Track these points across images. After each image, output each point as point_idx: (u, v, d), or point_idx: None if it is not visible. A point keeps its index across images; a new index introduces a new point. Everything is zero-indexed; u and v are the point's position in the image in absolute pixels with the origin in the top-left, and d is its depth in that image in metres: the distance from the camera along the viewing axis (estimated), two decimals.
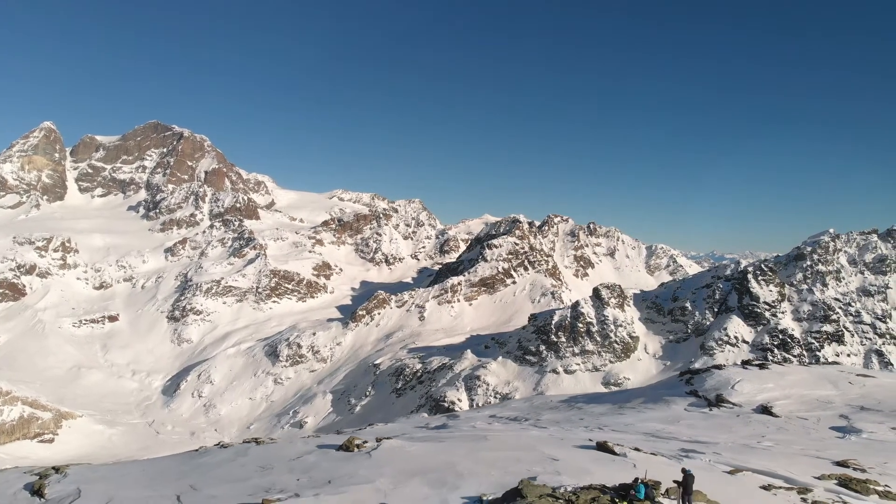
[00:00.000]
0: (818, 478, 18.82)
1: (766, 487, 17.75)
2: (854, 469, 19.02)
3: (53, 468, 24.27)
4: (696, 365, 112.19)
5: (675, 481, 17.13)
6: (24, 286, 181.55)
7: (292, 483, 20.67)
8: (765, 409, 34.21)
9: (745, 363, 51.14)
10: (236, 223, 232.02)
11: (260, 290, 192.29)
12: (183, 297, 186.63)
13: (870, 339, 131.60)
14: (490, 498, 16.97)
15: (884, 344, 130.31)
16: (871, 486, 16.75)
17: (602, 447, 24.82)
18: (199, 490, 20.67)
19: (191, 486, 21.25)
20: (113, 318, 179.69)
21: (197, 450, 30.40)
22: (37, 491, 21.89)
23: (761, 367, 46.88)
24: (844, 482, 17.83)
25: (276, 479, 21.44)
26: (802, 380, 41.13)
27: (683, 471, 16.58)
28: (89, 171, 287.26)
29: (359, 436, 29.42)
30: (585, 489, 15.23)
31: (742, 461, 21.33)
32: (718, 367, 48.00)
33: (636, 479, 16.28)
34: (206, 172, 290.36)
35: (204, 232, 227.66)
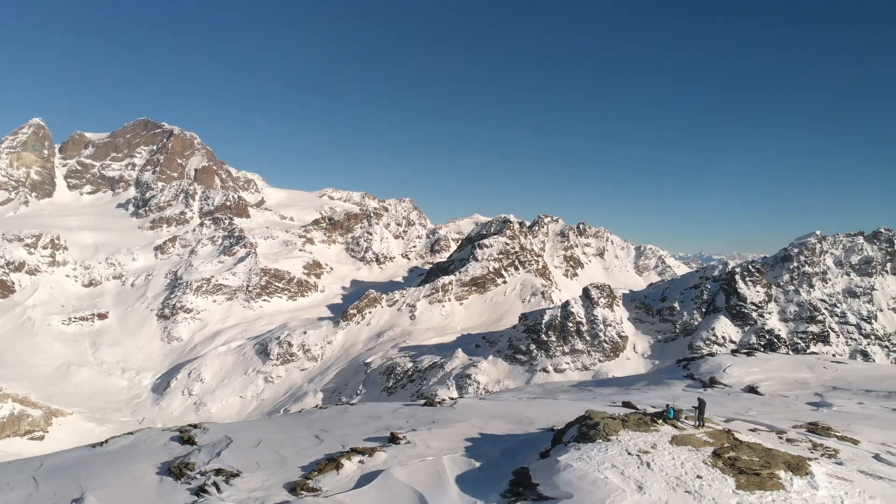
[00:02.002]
0: (793, 427, 23.42)
1: (753, 430, 22.11)
2: (821, 427, 23.47)
3: (191, 425, 27.24)
4: None
5: (693, 406, 22.32)
6: (13, 283, 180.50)
7: (404, 424, 25.48)
8: (751, 389, 38.73)
9: (735, 351, 57.12)
10: (226, 221, 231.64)
11: (250, 288, 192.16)
12: (173, 295, 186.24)
13: (855, 339, 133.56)
14: (559, 427, 21.30)
15: (868, 344, 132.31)
16: (832, 433, 22.24)
17: (627, 405, 31.22)
18: (331, 431, 24.91)
19: (321, 429, 25.53)
20: (102, 316, 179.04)
21: (300, 411, 36.65)
22: (186, 440, 24.18)
23: (749, 354, 52.59)
24: (812, 429, 22.90)
25: (389, 422, 26.42)
26: (784, 365, 46.63)
27: (699, 399, 21.84)
28: (78, 168, 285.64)
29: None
30: (632, 414, 20.66)
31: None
32: (712, 354, 55.04)
33: (667, 405, 21.50)
34: (195, 170, 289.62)
35: (194, 230, 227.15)
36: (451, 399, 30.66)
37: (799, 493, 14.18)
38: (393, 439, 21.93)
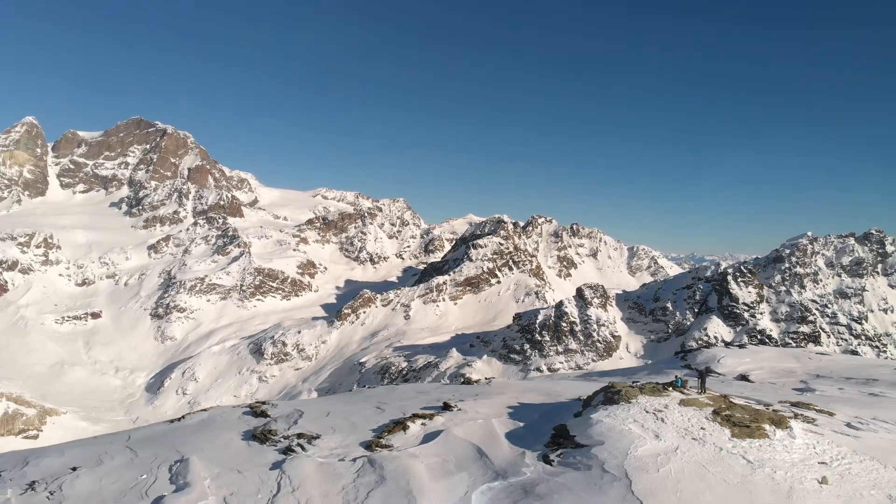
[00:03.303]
0: (779, 402, 26.22)
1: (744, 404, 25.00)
2: (803, 404, 25.99)
3: (259, 402, 29.50)
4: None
5: (696, 377, 27.12)
6: (6, 282, 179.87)
7: (451, 397, 28.14)
8: (743, 377, 41.49)
9: (728, 344, 65.45)
10: (220, 221, 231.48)
11: (244, 288, 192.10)
12: (166, 295, 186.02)
13: (846, 339, 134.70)
14: (585, 397, 24.19)
15: (859, 345, 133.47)
16: (812, 408, 24.84)
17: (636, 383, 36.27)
18: (389, 403, 27.56)
19: (379, 402, 28.14)
20: (96, 315, 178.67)
21: (350, 390, 41.78)
22: (259, 413, 26.22)
23: (741, 346, 58.71)
24: (795, 405, 25.43)
25: (438, 395, 29.56)
26: (772, 356, 50.45)
27: (700, 371, 26.80)
28: (71, 166, 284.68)
29: None
30: (647, 384, 24.21)
31: None
32: (707, 346, 60.40)
33: (675, 377, 25.99)
34: (189, 169, 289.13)
35: (187, 229, 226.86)
36: (486, 379, 36.05)
37: (780, 441, 17.84)
38: (446, 407, 25.00)
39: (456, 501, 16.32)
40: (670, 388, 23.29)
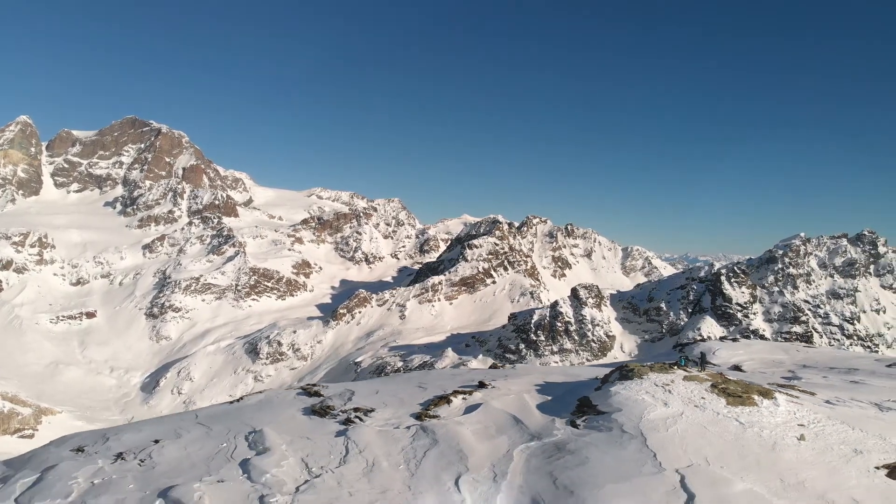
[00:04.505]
0: (768, 384, 28.06)
1: None
2: (788, 386, 28.59)
3: (311, 384, 30.97)
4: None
5: (697, 359, 33.34)
6: (1, 282, 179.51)
7: (484, 377, 30.59)
8: (736, 367, 43.52)
9: (722, 338, 69.96)
10: (215, 220, 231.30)
11: (239, 287, 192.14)
12: (161, 294, 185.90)
13: (838, 339, 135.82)
14: (602, 377, 26.75)
15: (851, 345, 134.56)
16: (797, 389, 27.70)
17: None
18: (429, 383, 29.96)
19: (420, 382, 30.65)
20: (90, 315, 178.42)
21: (388, 374, 44.19)
22: (313, 394, 28.18)
23: (734, 340, 63.28)
24: (782, 387, 27.68)
25: (471, 376, 32.23)
26: (763, 349, 54.31)
27: (701, 353, 33.51)
28: (65, 166, 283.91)
29: None
30: (655, 364, 27.27)
31: None
32: (703, 340, 67.32)
33: (679, 357, 31.19)
34: (183, 169, 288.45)
35: (182, 229, 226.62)
36: (511, 365, 41.98)
37: (767, 408, 20.79)
38: (481, 385, 27.56)
39: (500, 457, 18.77)
40: (675, 367, 26.67)
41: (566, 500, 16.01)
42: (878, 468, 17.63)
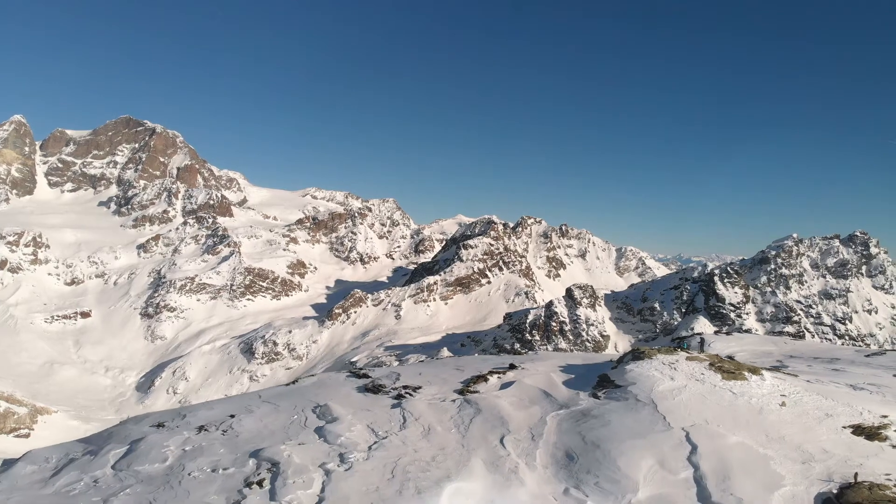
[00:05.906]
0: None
1: None
2: (776, 370, 31.91)
3: (358, 368, 35.16)
4: None
5: (697, 343, 37.64)
6: None
7: (513, 361, 33.33)
8: (729, 357, 47.35)
9: (717, 332, 75.91)
10: (210, 220, 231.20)
11: (234, 287, 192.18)
12: (156, 294, 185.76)
13: (830, 340, 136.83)
14: (616, 359, 30.77)
15: (843, 345, 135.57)
16: (783, 371, 31.09)
17: None
18: (465, 366, 32.71)
19: (457, 365, 33.43)
20: (85, 315, 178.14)
21: (422, 360, 47.03)
22: (362, 376, 30.78)
23: (727, 334, 69.17)
24: (769, 370, 29.98)
25: (501, 360, 34.80)
26: (754, 341, 58.62)
27: (701, 338, 37.05)
28: (59, 165, 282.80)
29: None
30: (662, 347, 32.23)
31: None
32: (699, 334, 66.84)
33: (682, 341, 37.39)
34: (178, 169, 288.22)
35: (177, 229, 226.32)
36: (532, 352, 46.25)
37: (755, 382, 24.53)
38: (512, 367, 30.85)
39: (536, 422, 22.11)
40: (679, 350, 31.34)
41: (594, 453, 19.06)
42: (844, 427, 21.22)
